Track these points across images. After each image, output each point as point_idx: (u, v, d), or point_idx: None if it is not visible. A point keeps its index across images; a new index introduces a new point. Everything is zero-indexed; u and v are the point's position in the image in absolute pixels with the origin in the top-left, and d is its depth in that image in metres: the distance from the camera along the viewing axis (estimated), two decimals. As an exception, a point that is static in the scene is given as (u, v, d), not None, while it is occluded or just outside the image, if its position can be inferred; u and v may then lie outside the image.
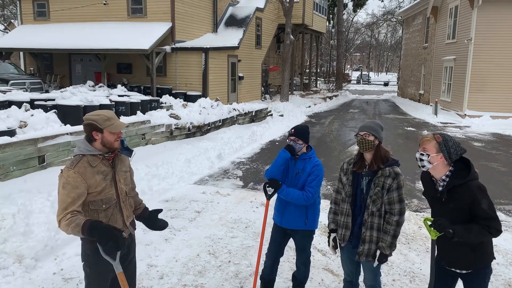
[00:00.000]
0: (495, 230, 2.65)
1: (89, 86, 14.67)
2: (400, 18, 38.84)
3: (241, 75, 19.80)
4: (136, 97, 12.71)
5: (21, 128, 8.17)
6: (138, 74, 18.20)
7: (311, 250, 3.83)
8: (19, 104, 9.30)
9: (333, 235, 3.42)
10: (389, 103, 29.11)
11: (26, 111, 8.87)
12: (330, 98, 28.74)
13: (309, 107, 22.85)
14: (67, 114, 9.78)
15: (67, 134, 8.26)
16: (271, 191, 3.62)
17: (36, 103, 10.43)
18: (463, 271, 2.84)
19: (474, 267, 2.80)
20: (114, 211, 2.80)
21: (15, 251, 4.46)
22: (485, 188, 2.72)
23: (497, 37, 17.76)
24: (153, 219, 3.10)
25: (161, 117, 11.27)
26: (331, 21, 44.90)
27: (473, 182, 2.71)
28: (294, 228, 3.66)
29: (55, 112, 9.54)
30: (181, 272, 4.50)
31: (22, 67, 20.32)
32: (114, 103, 11.12)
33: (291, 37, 22.08)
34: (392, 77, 68.99)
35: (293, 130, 3.59)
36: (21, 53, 21.38)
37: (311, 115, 20.67)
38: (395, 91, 39.00)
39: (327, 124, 17.57)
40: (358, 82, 61.93)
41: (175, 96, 15.66)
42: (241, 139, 12.00)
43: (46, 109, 9.86)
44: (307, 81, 31.41)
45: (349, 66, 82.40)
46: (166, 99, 14.02)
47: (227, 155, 10.30)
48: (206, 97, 15.49)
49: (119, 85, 14.17)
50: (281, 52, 26.43)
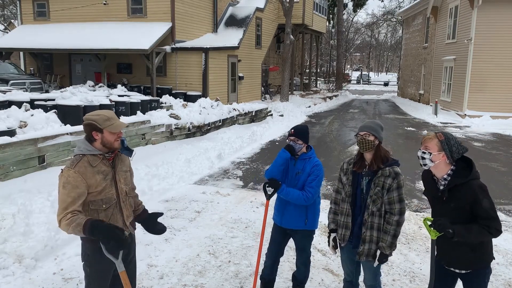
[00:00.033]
0: (495, 230, 2.65)
1: (89, 86, 14.67)
2: (400, 18, 38.85)
3: (241, 75, 19.80)
4: (136, 97, 12.71)
5: (21, 128, 8.17)
6: (138, 74, 18.21)
7: (311, 250, 3.83)
8: (19, 104, 9.31)
9: (333, 235, 3.42)
10: (389, 103, 29.11)
11: (26, 111, 8.87)
12: (330, 98, 28.74)
13: (309, 107, 22.85)
14: (67, 114, 9.79)
15: (67, 134, 8.26)
16: (271, 191, 3.62)
17: (36, 103, 10.43)
18: (462, 271, 2.84)
19: (473, 267, 2.80)
20: (114, 211, 2.80)
21: (15, 251, 4.46)
22: (486, 187, 2.72)
23: (497, 37, 17.77)
24: (152, 222, 3.07)
25: (161, 117, 11.28)
26: (331, 21, 44.90)
27: (474, 181, 2.71)
28: (294, 228, 3.66)
29: (55, 112, 9.54)
30: (181, 272, 4.50)
31: (22, 67, 20.32)
32: (114, 103, 11.13)
33: (291, 37, 22.08)
34: (392, 77, 68.99)
35: (293, 130, 3.59)
36: (21, 53, 21.38)
37: (311, 115, 20.67)
38: (395, 91, 39.00)
39: (327, 124, 17.57)
40: (358, 82, 61.94)
41: (175, 96, 15.67)
42: (241, 139, 12.00)
43: (46, 109, 9.86)
44: (307, 81, 31.41)
45: (349, 66, 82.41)
46: (166, 99, 14.02)
47: (227, 155, 10.30)
48: (206, 97, 15.49)
49: (119, 85, 14.17)
50: (281, 52, 26.43)
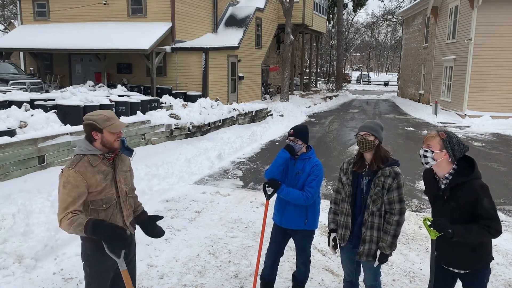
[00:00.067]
0: (495, 230, 2.64)
1: (89, 86, 14.67)
2: (400, 18, 38.85)
3: (241, 75, 19.80)
4: (136, 97, 12.71)
5: (21, 128, 8.17)
6: (138, 74, 18.21)
7: (311, 250, 3.83)
8: (19, 104, 9.31)
9: (333, 235, 3.42)
10: (389, 103, 29.11)
11: (26, 111, 8.87)
12: (330, 98, 28.74)
13: (309, 107, 22.85)
14: (67, 114, 9.79)
15: (67, 134, 8.26)
16: (270, 191, 3.62)
17: (36, 103, 10.43)
18: (461, 271, 2.84)
19: (473, 267, 2.80)
20: (114, 211, 2.80)
21: (15, 251, 4.46)
22: (488, 187, 2.71)
23: (497, 37, 17.77)
24: (151, 225, 3.04)
25: (161, 117, 11.28)
26: (331, 21, 44.90)
27: (476, 181, 2.71)
28: (294, 228, 3.66)
29: (55, 112, 9.54)
30: (181, 272, 4.50)
31: (22, 67, 20.32)
32: (114, 103, 11.13)
33: (291, 37, 22.07)
34: (392, 77, 68.99)
35: (293, 130, 3.59)
36: (21, 53, 21.38)
37: (311, 115, 20.67)
38: (395, 91, 39.00)
39: (327, 124, 17.57)
40: (358, 82, 61.95)
41: (175, 96, 15.67)
42: (241, 139, 12.00)
43: (46, 109, 9.86)
44: (307, 81, 31.41)
45: (349, 66, 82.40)
46: (166, 99, 14.02)
47: (227, 155, 10.30)
48: (206, 97, 15.49)
49: (119, 85, 14.17)
50: (281, 52, 26.43)
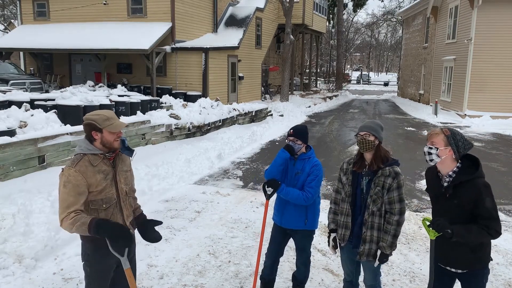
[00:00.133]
0: (495, 231, 2.63)
1: (89, 86, 14.67)
2: (400, 18, 38.85)
3: (241, 75, 19.80)
4: (136, 97, 12.71)
5: (21, 128, 8.17)
6: (138, 74, 18.21)
7: (311, 250, 3.83)
8: (19, 104, 9.31)
9: (333, 235, 3.42)
10: (389, 103, 29.11)
11: (26, 111, 8.87)
12: (330, 98, 28.74)
13: (309, 107, 22.85)
14: (67, 114, 9.78)
15: (67, 134, 8.26)
16: (270, 191, 3.61)
17: (36, 103, 10.43)
18: (459, 271, 2.84)
19: (472, 267, 2.80)
20: (114, 211, 2.80)
21: (15, 251, 4.46)
22: (490, 187, 2.71)
23: (497, 37, 17.77)
24: (149, 229, 2.97)
25: (161, 117, 11.28)
26: (331, 21, 44.90)
27: (480, 179, 2.70)
28: (294, 228, 3.66)
29: (55, 112, 9.54)
30: (181, 272, 4.50)
31: (22, 67, 20.32)
32: (114, 103, 11.12)
33: (291, 37, 22.07)
34: (392, 77, 69.00)
35: (292, 130, 3.59)
36: (21, 53, 21.38)
37: (311, 115, 20.67)
38: (395, 91, 39.00)
39: (327, 124, 17.57)
40: (358, 82, 61.94)
41: (175, 96, 15.67)
42: (241, 139, 12.00)
43: (46, 109, 9.86)
44: (307, 81, 31.41)
45: (349, 66, 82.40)
46: (166, 99, 14.02)
47: (227, 155, 10.30)
48: (206, 97, 15.49)
49: (119, 85, 14.17)
50: (281, 52, 26.42)
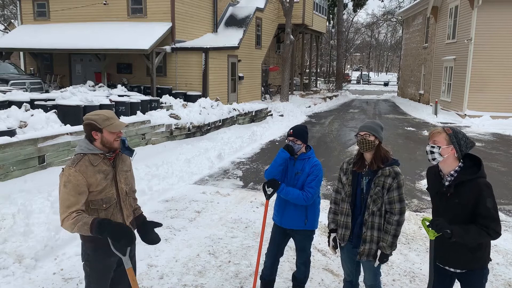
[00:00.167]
0: (494, 232, 2.62)
1: (89, 86, 14.67)
2: (400, 18, 38.84)
3: (241, 75, 19.80)
4: (136, 97, 12.70)
5: (21, 128, 8.17)
6: (138, 74, 18.21)
7: (311, 250, 3.84)
8: (19, 104, 9.31)
9: (333, 235, 3.42)
10: (389, 103, 29.11)
11: (26, 111, 8.88)
12: (330, 98, 28.73)
13: (309, 107, 22.85)
14: (67, 114, 9.78)
15: (67, 134, 8.26)
16: (270, 191, 3.62)
17: (36, 103, 10.43)
18: (457, 270, 2.83)
19: (471, 267, 2.80)
20: (114, 211, 2.80)
21: (15, 251, 4.46)
22: (492, 188, 2.71)
23: (497, 37, 17.76)
24: (148, 230, 2.96)
25: (161, 117, 11.28)
26: (331, 21, 44.89)
27: (481, 179, 2.70)
28: (294, 228, 3.66)
29: (55, 112, 9.54)
30: (181, 272, 4.50)
31: (22, 67, 20.32)
32: (114, 103, 11.12)
33: (291, 37, 22.07)
34: (392, 77, 69.01)
35: (292, 130, 3.59)
36: (21, 53, 21.37)
37: (311, 115, 20.66)
38: (395, 91, 38.99)
39: (327, 124, 17.57)
40: (358, 82, 61.93)
41: (175, 96, 15.66)
42: (241, 139, 12.00)
43: (46, 109, 9.86)
44: (307, 81, 31.41)
45: (349, 66, 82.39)
46: (166, 99, 14.02)
47: (227, 155, 10.30)
48: (206, 97, 15.49)
49: (119, 85, 14.17)
50: (281, 52, 26.42)
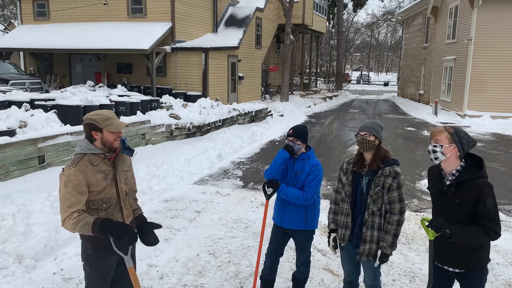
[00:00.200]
0: (494, 232, 2.62)
1: (89, 86, 14.67)
2: (400, 18, 38.84)
3: (241, 75, 19.80)
4: (136, 97, 12.70)
5: (21, 128, 8.17)
6: (138, 74, 18.20)
7: (311, 250, 3.84)
8: (19, 104, 9.30)
9: (333, 235, 3.42)
10: (389, 103, 29.11)
11: (26, 111, 8.87)
12: (330, 98, 28.74)
13: (309, 107, 22.85)
14: (67, 114, 9.78)
15: (67, 134, 8.26)
16: (270, 191, 3.62)
17: (36, 103, 10.42)
18: (456, 270, 2.83)
19: (470, 267, 2.79)
20: (114, 211, 2.80)
21: (15, 251, 4.46)
22: (493, 188, 2.71)
23: (497, 37, 17.76)
24: (148, 232, 2.93)
25: (161, 117, 11.28)
26: (331, 21, 44.89)
27: (483, 179, 2.70)
28: (294, 228, 3.66)
29: (55, 112, 9.53)
30: (181, 272, 4.50)
31: (22, 67, 20.32)
32: (114, 103, 11.12)
33: (291, 37, 22.07)
34: (392, 77, 69.01)
35: (291, 130, 3.59)
36: (21, 53, 21.38)
37: (311, 115, 20.66)
38: (395, 91, 38.99)
39: (327, 124, 17.57)
40: (358, 82, 61.95)
41: (175, 96, 15.66)
42: (241, 139, 12.00)
43: (46, 109, 9.85)
44: (307, 81, 31.41)
45: (349, 66, 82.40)
46: (166, 99, 14.01)
47: (227, 155, 10.30)
48: (206, 97, 15.49)
49: (119, 85, 14.17)
50: (281, 52, 26.42)
